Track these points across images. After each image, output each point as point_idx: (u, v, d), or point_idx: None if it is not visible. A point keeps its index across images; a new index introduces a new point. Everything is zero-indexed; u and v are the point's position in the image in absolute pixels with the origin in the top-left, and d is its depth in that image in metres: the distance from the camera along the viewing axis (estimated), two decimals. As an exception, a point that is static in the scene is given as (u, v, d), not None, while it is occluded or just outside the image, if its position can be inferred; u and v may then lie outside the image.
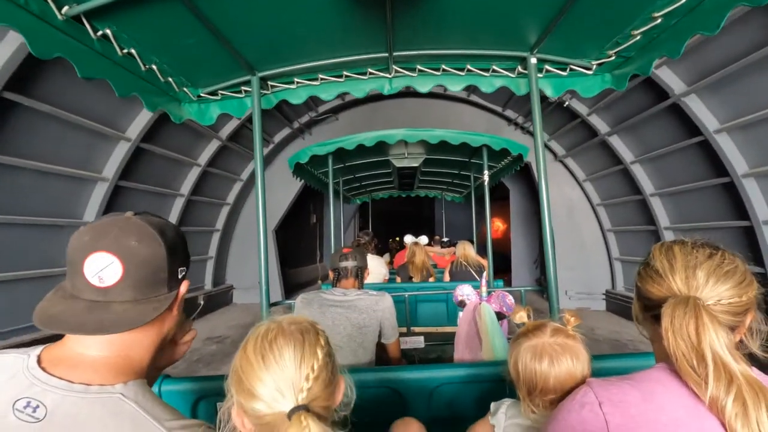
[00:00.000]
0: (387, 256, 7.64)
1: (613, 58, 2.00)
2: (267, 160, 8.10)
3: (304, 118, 8.09)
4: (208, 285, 7.92)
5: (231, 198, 8.24)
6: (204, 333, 6.33)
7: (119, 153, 4.90)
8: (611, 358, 1.76)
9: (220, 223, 8.14)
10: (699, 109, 4.46)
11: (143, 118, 4.89)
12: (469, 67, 2.23)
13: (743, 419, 0.61)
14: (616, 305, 7.18)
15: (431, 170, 5.79)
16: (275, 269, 8.42)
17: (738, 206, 4.54)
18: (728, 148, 4.33)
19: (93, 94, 4.12)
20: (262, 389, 0.66)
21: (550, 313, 2.06)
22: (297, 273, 10.36)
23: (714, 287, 0.70)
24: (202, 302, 7.21)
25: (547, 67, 2.18)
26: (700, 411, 0.66)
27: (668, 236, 5.61)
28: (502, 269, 11.88)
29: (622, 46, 1.89)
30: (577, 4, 1.68)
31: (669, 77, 4.56)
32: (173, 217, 6.36)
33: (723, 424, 0.63)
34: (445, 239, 6.96)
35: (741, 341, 0.74)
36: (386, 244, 9.31)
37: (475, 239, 5.33)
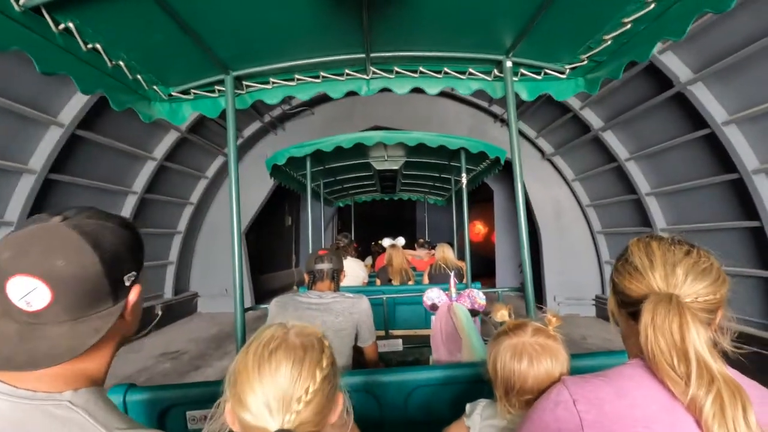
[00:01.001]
0: (369, 259, 7.59)
1: (585, 62, 2.04)
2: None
3: (277, 112, 7.72)
4: (168, 293, 7.23)
5: (195, 197, 7.51)
6: (158, 348, 5.69)
7: (49, 140, 4.13)
8: (586, 357, 1.78)
9: (182, 225, 7.39)
10: (706, 98, 4.03)
11: (79, 99, 4.18)
12: (446, 69, 2.24)
13: (720, 419, 0.62)
14: (607, 311, 6.99)
15: (413, 173, 5.79)
16: (245, 275, 7.74)
17: (746, 205, 4.15)
18: (737, 141, 3.93)
19: (11, 68, 3.44)
20: (252, 400, 0.64)
21: (526, 313, 2.07)
22: (270, 279, 9.83)
23: (692, 284, 0.71)
24: (160, 312, 6.62)
25: (522, 70, 2.21)
26: (673, 407, 0.67)
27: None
28: (486, 273, 11.83)
29: (594, 51, 1.93)
30: (550, 9, 1.71)
31: (674, 64, 4.09)
32: (124, 218, 5.82)
33: (697, 422, 0.64)
34: (427, 241, 6.95)
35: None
36: (368, 246, 9.25)
37: (455, 243, 5.32)
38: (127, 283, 0.68)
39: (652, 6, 1.57)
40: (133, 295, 0.70)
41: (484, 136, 7.39)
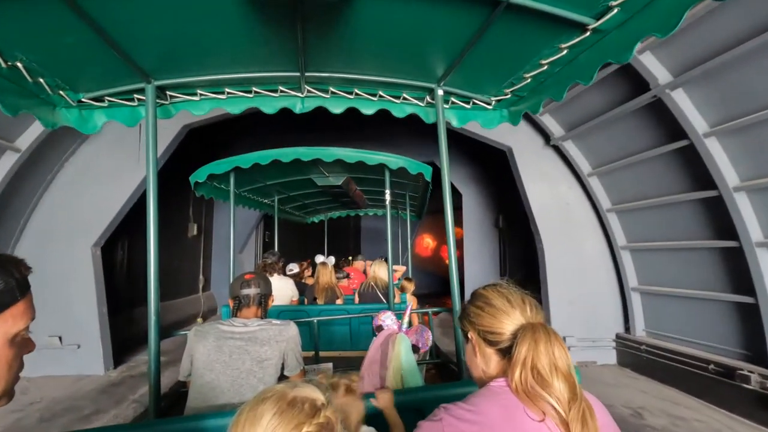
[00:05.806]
0: None
1: (509, 96, 2.17)
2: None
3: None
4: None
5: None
6: None
7: None
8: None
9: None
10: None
11: None
12: (381, 93, 2.27)
13: (582, 427, 0.78)
14: (634, 357, 4.77)
15: (369, 189, 5.52)
16: (94, 311, 4.80)
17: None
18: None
19: None
20: None
21: (456, 353, 2.11)
22: (161, 309, 5.64)
23: (537, 315, 0.92)
24: None
25: (453, 99, 2.30)
26: (520, 415, 0.81)
27: (763, 255, 3.33)
28: (443, 293, 10.45)
29: (516, 87, 2.06)
30: (477, 46, 1.79)
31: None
32: None
33: (548, 428, 0.79)
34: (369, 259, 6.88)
35: None
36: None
37: (409, 258, 5.20)
38: None
39: (565, 52, 1.71)
40: None
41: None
